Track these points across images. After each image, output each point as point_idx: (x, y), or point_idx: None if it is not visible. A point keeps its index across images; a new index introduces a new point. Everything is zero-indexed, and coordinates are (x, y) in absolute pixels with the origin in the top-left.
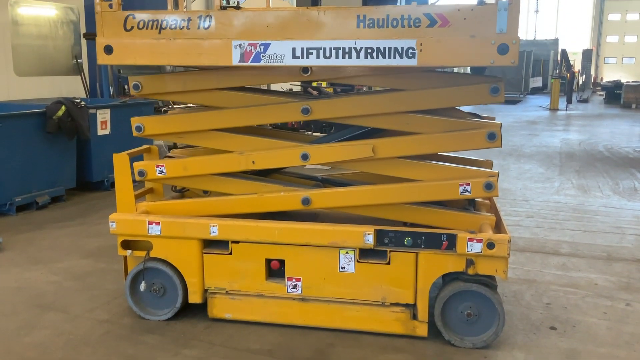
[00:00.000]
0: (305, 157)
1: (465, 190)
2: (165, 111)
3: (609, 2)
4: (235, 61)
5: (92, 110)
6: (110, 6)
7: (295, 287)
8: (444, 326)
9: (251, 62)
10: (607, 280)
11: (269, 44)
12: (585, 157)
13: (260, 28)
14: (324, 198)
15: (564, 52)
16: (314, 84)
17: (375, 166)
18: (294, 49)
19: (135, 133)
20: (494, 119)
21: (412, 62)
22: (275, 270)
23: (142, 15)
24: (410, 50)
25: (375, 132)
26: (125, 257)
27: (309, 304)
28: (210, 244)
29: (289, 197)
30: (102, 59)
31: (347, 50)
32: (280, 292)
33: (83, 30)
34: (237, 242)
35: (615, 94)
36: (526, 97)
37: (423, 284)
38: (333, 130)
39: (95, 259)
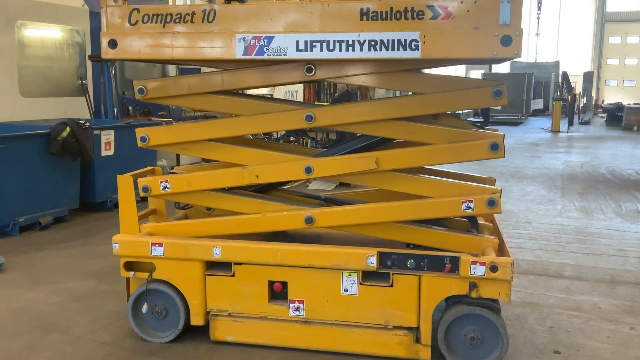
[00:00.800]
0: (308, 170)
1: (468, 207)
2: None
3: (609, 25)
4: (238, 54)
5: (96, 131)
6: (115, 0)
7: (297, 309)
8: (448, 350)
9: (255, 55)
10: (611, 304)
11: (273, 37)
12: (588, 179)
13: (264, 21)
14: (326, 217)
15: (565, 74)
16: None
17: (378, 180)
18: (297, 42)
19: (140, 144)
20: (496, 131)
21: (416, 54)
22: (277, 292)
23: (146, 10)
24: (414, 43)
25: (379, 145)
26: (127, 279)
27: (312, 327)
28: (213, 266)
29: (292, 217)
30: (107, 53)
31: (350, 42)
32: (283, 314)
33: (88, 52)
34: (240, 263)
35: (616, 116)
36: (527, 119)
37: (426, 307)
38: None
39: (98, 280)
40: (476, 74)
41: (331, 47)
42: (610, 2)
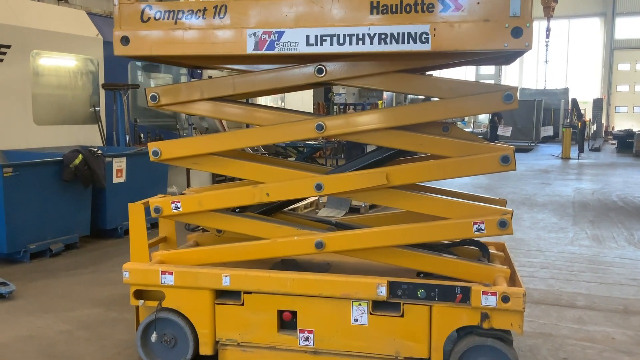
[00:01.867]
0: (319, 187)
1: (479, 229)
2: None
3: (618, 52)
4: (249, 49)
5: (108, 159)
6: None
7: (307, 339)
8: None
9: (265, 50)
10: (625, 335)
11: (283, 32)
12: (599, 206)
13: (275, 17)
14: (337, 241)
15: (574, 101)
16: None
17: (388, 199)
18: (307, 36)
19: (152, 158)
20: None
21: (426, 47)
22: (287, 321)
23: (158, 7)
24: (424, 35)
25: (388, 162)
26: (137, 307)
27: (322, 357)
28: (223, 294)
29: (302, 242)
30: (119, 50)
31: (360, 36)
32: (292, 344)
33: (102, 80)
34: (249, 292)
35: (627, 143)
36: (537, 145)
37: (437, 338)
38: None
39: (107, 307)
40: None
41: (341, 41)
42: (618, 30)
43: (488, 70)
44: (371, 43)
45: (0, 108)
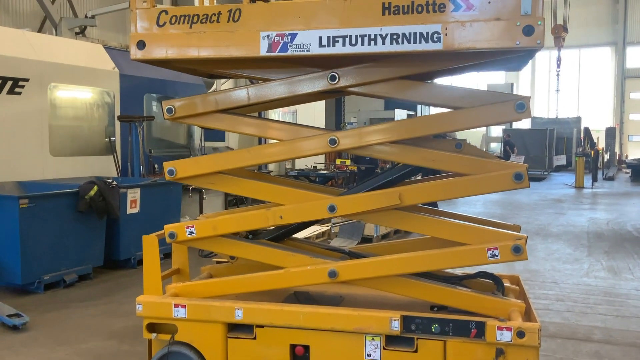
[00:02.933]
0: (332, 208)
1: (494, 255)
2: (193, 190)
3: (630, 81)
4: (262, 51)
5: (122, 190)
6: (144, 2)
7: None
8: None
9: (278, 52)
10: None
11: (296, 33)
12: (614, 237)
13: (288, 19)
14: (350, 270)
15: (587, 129)
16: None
17: (401, 221)
18: (320, 38)
19: (167, 177)
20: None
21: (438, 47)
22: (299, 356)
23: (174, 11)
24: (436, 35)
25: (400, 182)
26: (149, 340)
27: None
28: (235, 328)
29: (315, 271)
30: (135, 54)
31: (372, 37)
32: None
33: (118, 112)
34: (262, 326)
35: None
36: (550, 174)
37: None
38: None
39: (120, 339)
40: (496, 129)
41: (354, 42)
42: (630, 59)
43: None
44: (383, 43)
45: (17, 140)
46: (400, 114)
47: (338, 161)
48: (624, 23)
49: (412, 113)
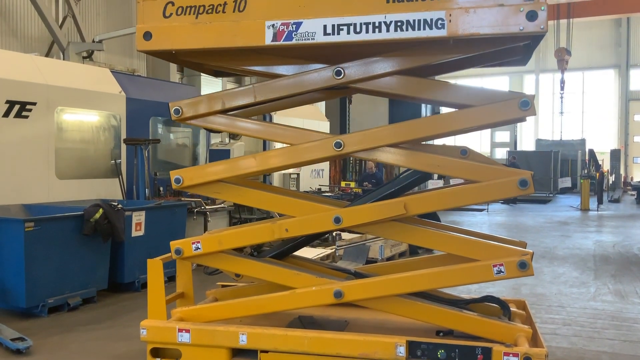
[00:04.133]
0: (337, 220)
1: (500, 271)
2: (197, 212)
3: (633, 103)
4: (268, 40)
5: (127, 213)
6: None
7: None
8: None
9: (283, 40)
10: None
11: (301, 22)
12: (621, 260)
13: (293, 8)
14: (356, 290)
15: (591, 152)
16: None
17: (406, 235)
18: (325, 26)
19: (174, 186)
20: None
21: (442, 33)
22: None
23: (180, 2)
24: (440, 21)
25: (405, 192)
26: None
27: None
28: (239, 353)
29: (320, 292)
30: (142, 45)
31: (377, 24)
32: None
33: (124, 135)
34: (266, 351)
35: None
36: (556, 196)
37: None
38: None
39: None
40: (501, 151)
41: (358, 30)
42: (633, 81)
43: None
44: (387, 31)
45: (24, 162)
46: None
47: (343, 183)
48: (627, 46)
49: None
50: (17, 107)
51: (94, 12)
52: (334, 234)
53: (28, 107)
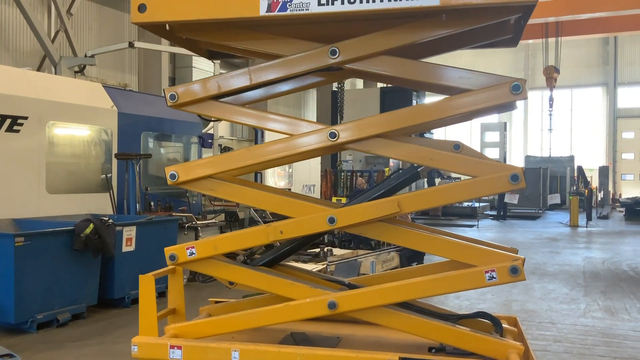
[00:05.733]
0: (332, 220)
1: (492, 277)
2: (189, 227)
3: (621, 121)
4: (262, 11)
5: (118, 228)
6: None
7: None
8: None
9: (278, 11)
10: None
11: None
12: (610, 276)
13: None
14: (350, 300)
15: (580, 168)
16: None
17: (400, 237)
18: None
19: (169, 182)
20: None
21: (435, 2)
22: None
23: None
24: None
25: (397, 191)
26: None
27: None
28: None
29: (314, 304)
30: (136, 17)
31: None
32: None
33: (115, 149)
34: None
35: (635, 211)
36: (545, 213)
37: None
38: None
39: None
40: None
41: (352, 0)
42: (621, 99)
43: (493, 137)
44: (381, 0)
45: (14, 177)
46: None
47: (334, 199)
48: (614, 64)
49: None
50: (8, 121)
51: (86, 27)
52: (325, 249)
53: (19, 121)
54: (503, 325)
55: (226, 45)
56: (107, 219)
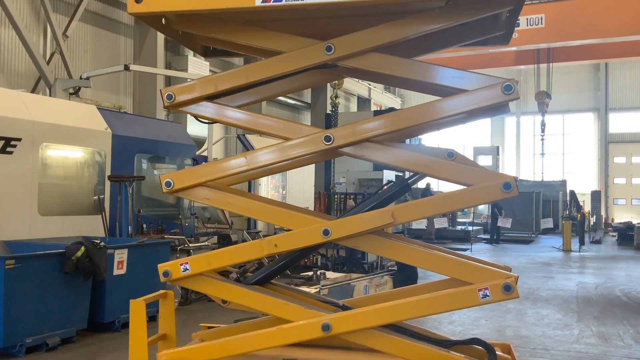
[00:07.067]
0: (326, 232)
1: (485, 295)
2: (181, 250)
3: (613, 146)
4: (258, 1)
5: (110, 250)
6: None
7: None
8: None
9: (273, 1)
10: None
11: None
12: (603, 302)
13: None
14: (344, 322)
15: (572, 193)
16: None
17: (393, 251)
18: None
19: (165, 190)
20: None
21: None
22: None
23: None
24: None
25: (389, 202)
26: None
27: None
28: None
29: (308, 326)
30: (132, 7)
31: None
32: None
33: (108, 171)
34: None
35: (627, 235)
36: (538, 237)
37: None
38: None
39: None
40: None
41: None
42: (612, 125)
43: (486, 161)
44: None
45: (6, 199)
46: (388, 174)
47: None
48: (605, 90)
49: (400, 174)
50: (1, 142)
51: (81, 49)
52: (318, 272)
53: (13, 142)
54: (497, 352)
55: (222, 41)
56: (98, 241)
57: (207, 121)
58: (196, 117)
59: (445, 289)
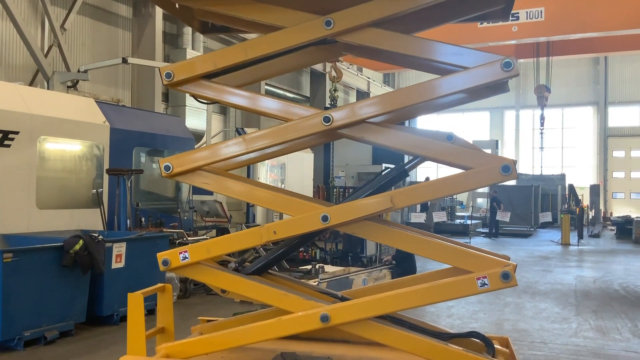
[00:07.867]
0: (325, 218)
1: (484, 284)
2: (180, 243)
3: (612, 140)
4: None
5: (108, 244)
6: None
7: None
8: None
9: None
10: None
11: None
12: (601, 295)
13: None
14: (342, 313)
15: (571, 187)
16: None
17: (393, 239)
18: None
19: (164, 174)
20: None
21: None
22: None
23: None
24: None
25: (388, 188)
26: None
27: None
28: None
29: (306, 317)
30: None
31: None
32: None
33: (106, 165)
34: None
35: (626, 229)
36: (537, 231)
37: None
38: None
39: None
40: (483, 201)
41: None
42: (611, 118)
43: None
44: None
45: (4, 192)
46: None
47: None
48: (604, 84)
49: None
50: None
51: (79, 42)
52: (317, 266)
53: (10, 136)
54: (495, 346)
55: (220, 15)
56: (97, 235)
57: (206, 101)
58: (195, 97)
59: (442, 279)
